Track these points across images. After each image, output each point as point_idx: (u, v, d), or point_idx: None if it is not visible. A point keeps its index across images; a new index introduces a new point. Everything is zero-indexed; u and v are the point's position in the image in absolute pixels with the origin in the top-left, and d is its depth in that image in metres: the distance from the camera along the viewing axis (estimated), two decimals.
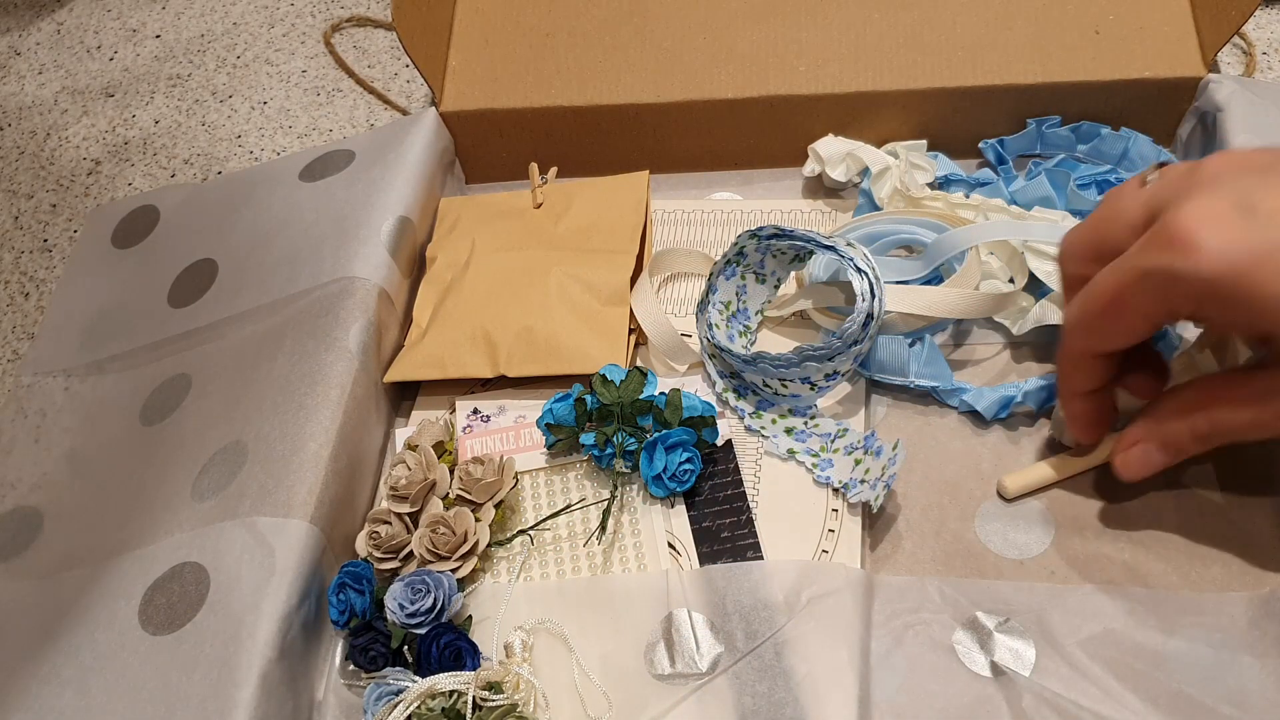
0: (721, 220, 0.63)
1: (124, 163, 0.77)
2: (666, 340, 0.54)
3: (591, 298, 0.55)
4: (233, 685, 0.42)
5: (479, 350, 0.55)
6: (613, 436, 0.49)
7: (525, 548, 0.50)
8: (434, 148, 0.63)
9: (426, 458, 0.52)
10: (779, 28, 0.63)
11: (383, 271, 0.57)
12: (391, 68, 0.78)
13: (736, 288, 0.54)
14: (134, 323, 0.62)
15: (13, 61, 0.86)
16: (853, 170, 0.60)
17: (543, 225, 0.60)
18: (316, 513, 0.47)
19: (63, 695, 0.45)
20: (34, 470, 0.57)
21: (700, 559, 0.48)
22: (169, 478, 0.52)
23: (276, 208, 0.63)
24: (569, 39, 0.65)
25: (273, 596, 0.44)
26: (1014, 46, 0.60)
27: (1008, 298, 0.51)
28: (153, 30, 0.86)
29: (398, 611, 0.46)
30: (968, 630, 0.45)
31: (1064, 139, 0.59)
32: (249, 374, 0.55)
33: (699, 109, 0.62)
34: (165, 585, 0.47)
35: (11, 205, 0.76)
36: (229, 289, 0.60)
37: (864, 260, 0.48)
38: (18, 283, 0.72)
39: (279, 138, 0.76)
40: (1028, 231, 0.52)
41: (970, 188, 0.59)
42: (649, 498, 0.50)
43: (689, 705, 0.43)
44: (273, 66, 0.81)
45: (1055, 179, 0.56)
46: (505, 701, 0.44)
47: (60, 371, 0.62)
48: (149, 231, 0.67)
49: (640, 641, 0.45)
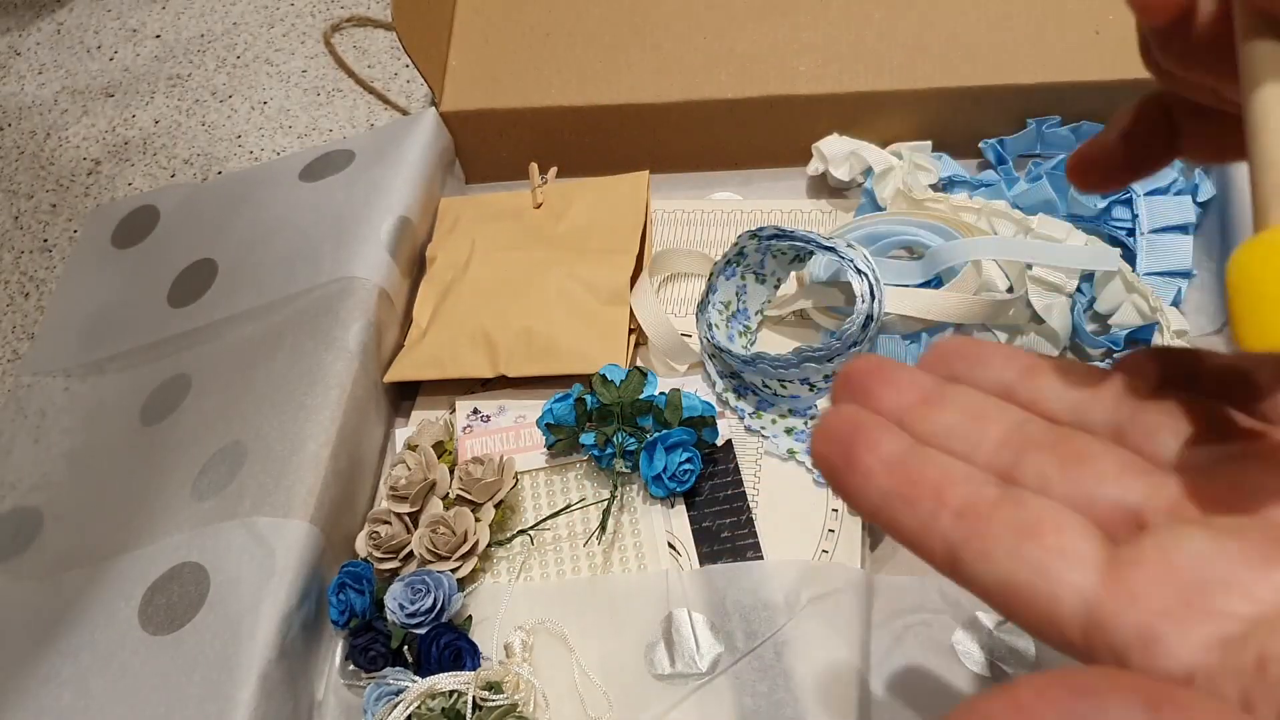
0: (721, 220, 0.63)
1: (124, 163, 0.77)
2: (666, 340, 0.54)
3: (591, 298, 0.55)
4: (232, 685, 0.42)
5: (479, 350, 0.55)
6: (613, 436, 0.49)
7: (525, 548, 0.50)
8: (434, 148, 0.63)
9: (426, 458, 0.51)
10: (779, 28, 0.63)
11: (382, 271, 0.57)
12: (391, 68, 0.78)
13: (736, 288, 0.54)
14: (134, 323, 0.62)
15: (13, 61, 0.86)
16: (856, 169, 0.60)
17: (543, 225, 0.60)
18: (316, 513, 0.47)
19: (62, 695, 0.45)
20: (34, 470, 0.57)
21: (700, 559, 0.47)
22: (169, 478, 0.52)
23: (276, 208, 0.63)
24: (569, 39, 0.65)
25: (272, 597, 0.44)
26: (1014, 46, 0.60)
27: (1005, 305, 0.51)
28: (153, 30, 0.86)
29: (398, 611, 0.46)
30: (968, 630, 0.45)
31: (1064, 139, 0.59)
32: (248, 374, 0.55)
33: (699, 109, 0.62)
34: (165, 585, 0.47)
35: (11, 205, 0.76)
36: (229, 289, 0.60)
37: (864, 261, 0.48)
38: (18, 283, 0.72)
39: (279, 138, 0.76)
40: (1029, 253, 0.51)
41: (974, 189, 0.59)
42: (649, 498, 0.50)
43: (689, 705, 0.43)
44: (272, 66, 0.81)
45: (1057, 182, 0.56)
46: (505, 701, 0.44)
47: (60, 371, 0.62)
48: (149, 231, 0.67)
49: (640, 641, 0.45)
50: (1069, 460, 0.19)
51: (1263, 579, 0.16)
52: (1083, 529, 0.18)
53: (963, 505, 0.18)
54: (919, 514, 0.19)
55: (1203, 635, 0.15)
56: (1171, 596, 0.16)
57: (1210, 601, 0.16)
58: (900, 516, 0.19)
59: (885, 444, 0.20)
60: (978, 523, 0.18)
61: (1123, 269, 0.51)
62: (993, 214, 0.55)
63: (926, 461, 0.19)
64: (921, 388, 0.21)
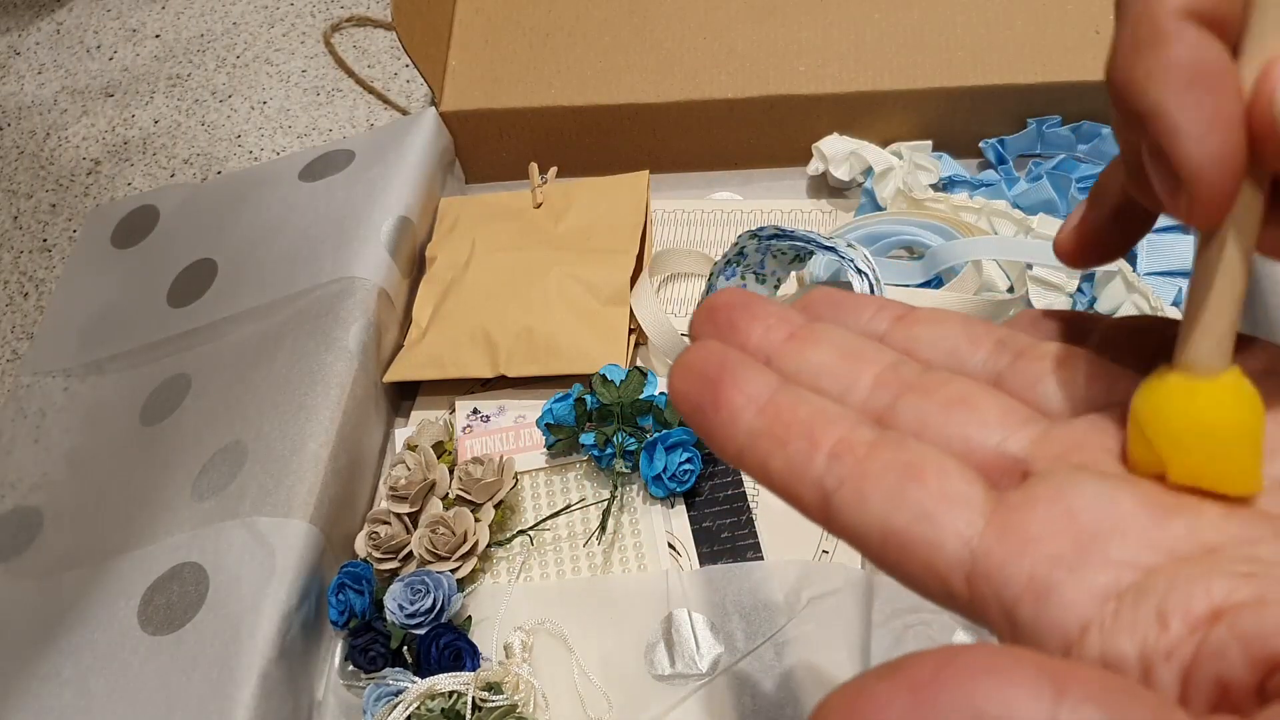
0: (721, 220, 0.63)
1: (124, 163, 0.77)
2: (666, 340, 0.54)
3: (591, 298, 0.55)
4: (232, 685, 0.42)
5: (479, 350, 0.55)
6: (613, 436, 0.49)
7: (525, 548, 0.50)
8: (434, 147, 0.63)
9: (426, 458, 0.51)
10: (779, 28, 0.63)
11: (382, 271, 0.57)
12: (391, 68, 0.78)
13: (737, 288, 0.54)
14: (133, 323, 0.62)
15: (12, 61, 0.86)
16: (856, 169, 0.60)
17: (543, 225, 0.60)
18: (316, 513, 0.47)
19: (62, 695, 0.45)
20: (34, 470, 0.57)
21: (700, 559, 0.47)
22: (169, 478, 0.52)
23: (276, 208, 0.63)
24: (569, 39, 0.65)
25: (272, 597, 0.44)
26: (1014, 46, 0.60)
27: (1005, 305, 0.51)
28: (152, 30, 0.86)
29: (397, 612, 0.46)
30: (968, 630, 0.45)
31: (1064, 139, 0.59)
32: (249, 374, 0.54)
33: (699, 109, 0.62)
34: (165, 585, 0.47)
35: (11, 205, 0.76)
36: (228, 289, 0.60)
37: (864, 261, 0.48)
38: (17, 283, 0.72)
39: (279, 138, 0.76)
40: (1029, 253, 0.51)
41: (974, 189, 0.59)
42: (649, 498, 0.50)
43: (689, 705, 0.43)
44: (272, 66, 0.81)
45: (1057, 183, 0.56)
46: (505, 702, 0.43)
47: (60, 371, 0.62)
48: (149, 231, 0.67)
49: (640, 642, 0.45)
50: (948, 404, 0.18)
51: (1160, 528, 0.15)
52: (965, 473, 0.16)
53: (837, 446, 0.17)
54: (790, 455, 0.17)
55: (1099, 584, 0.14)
56: (1065, 543, 0.15)
57: (1106, 549, 0.14)
58: (769, 459, 0.17)
59: (753, 381, 0.18)
60: (854, 464, 0.17)
61: (1123, 269, 0.51)
62: (993, 214, 0.55)
63: (798, 400, 0.18)
64: (790, 324, 0.20)
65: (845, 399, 0.18)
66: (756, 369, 0.18)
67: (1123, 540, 0.15)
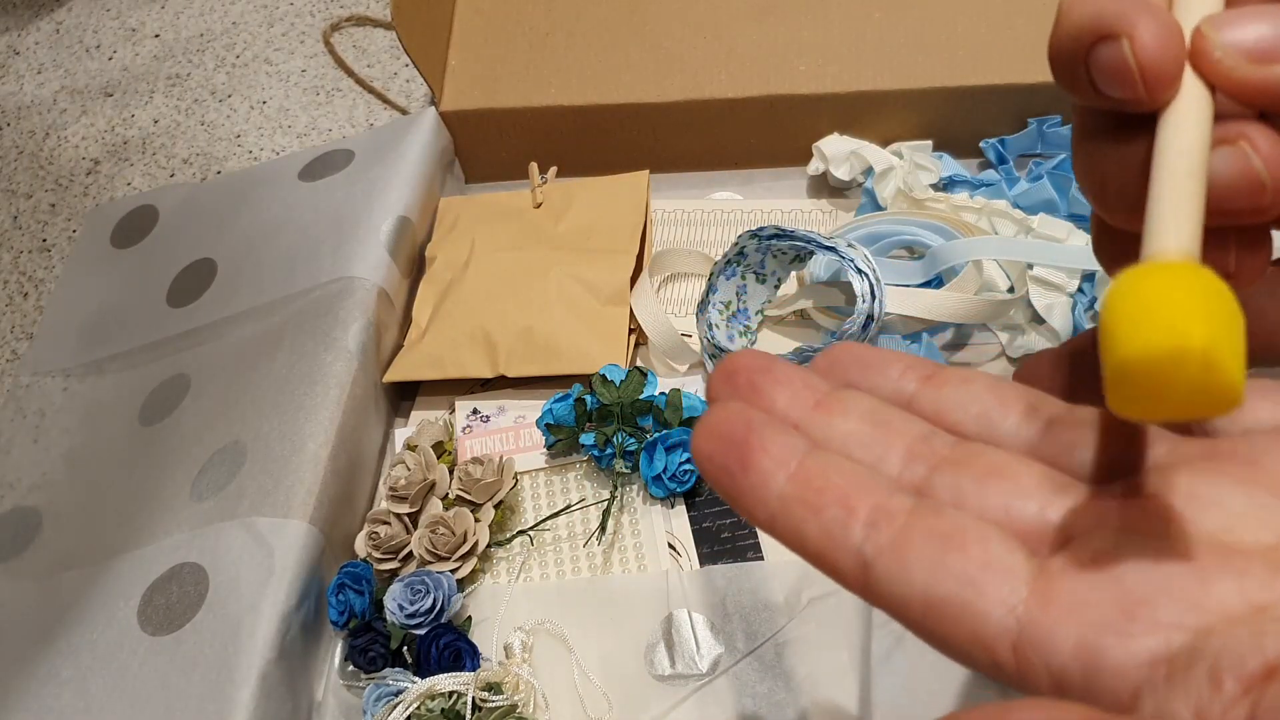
0: (721, 220, 0.62)
1: (123, 162, 0.77)
2: (666, 340, 0.54)
3: (591, 298, 0.55)
4: (232, 686, 0.42)
5: (479, 350, 0.55)
6: (613, 436, 0.49)
7: (525, 548, 0.49)
8: (433, 147, 0.63)
9: (426, 458, 0.51)
10: (779, 27, 0.63)
11: (382, 271, 0.57)
12: (391, 67, 0.78)
13: (737, 288, 0.54)
14: (133, 323, 0.62)
15: (12, 61, 0.86)
16: (857, 169, 0.60)
17: (543, 225, 0.60)
18: (316, 513, 0.47)
19: (62, 695, 0.45)
20: (33, 470, 0.57)
21: (700, 559, 0.47)
22: (168, 478, 0.52)
23: (275, 208, 0.63)
24: (568, 39, 0.65)
25: (272, 597, 0.44)
26: (1015, 46, 0.59)
27: (1005, 305, 0.51)
28: (152, 30, 0.86)
29: (397, 612, 0.45)
30: None
31: (1065, 139, 0.59)
32: (248, 374, 0.54)
33: (699, 109, 0.62)
34: (164, 586, 0.46)
35: (10, 205, 0.76)
36: (228, 289, 0.60)
37: (865, 261, 0.48)
38: (17, 283, 0.71)
39: (278, 137, 0.76)
40: (1029, 253, 0.51)
41: (974, 189, 0.59)
42: (649, 498, 0.50)
43: (689, 706, 0.43)
44: (272, 66, 0.81)
45: (1057, 182, 0.55)
46: (505, 702, 0.43)
47: (59, 371, 0.61)
48: (148, 231, 0.67)
49: (640, 642, 0.45)
50: (984, 475, 0.17)
51: (1206, 588, 0.14)
52: (1006, 541, 0.16)
53: (874, 514, 0.16)
54: (825, 523, 0.17)
55: (1149, 647, 0.14)
56: (1111, 608, 0.14)
57: (1154, 613, 0.14)
58: (803, 526, 0.17)
59: (782, 445, 0.18)
60: (892, 533, 0.16)
61: None
62: (993, 214, 0.55)
63: (830, 466, 0.17)
64: (816, 391, 0.19)
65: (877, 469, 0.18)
66: (785, 431, 0.18)
67: (1170, 602, 0.14)
